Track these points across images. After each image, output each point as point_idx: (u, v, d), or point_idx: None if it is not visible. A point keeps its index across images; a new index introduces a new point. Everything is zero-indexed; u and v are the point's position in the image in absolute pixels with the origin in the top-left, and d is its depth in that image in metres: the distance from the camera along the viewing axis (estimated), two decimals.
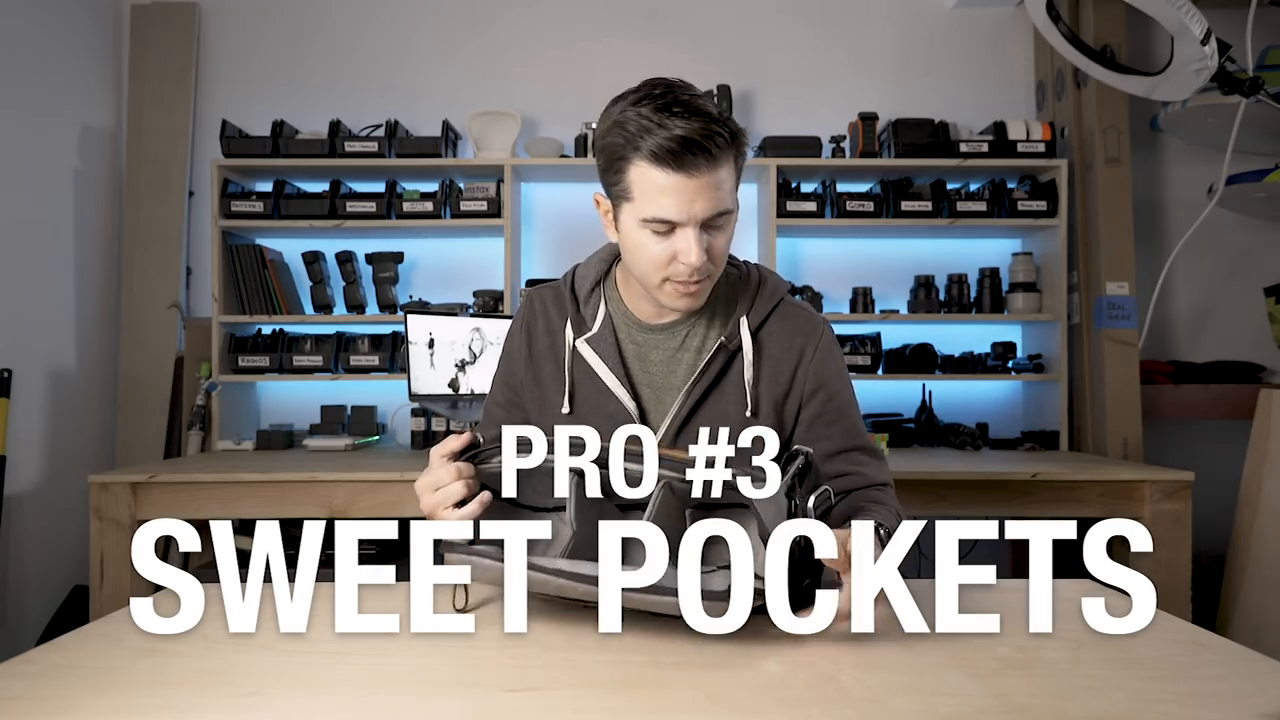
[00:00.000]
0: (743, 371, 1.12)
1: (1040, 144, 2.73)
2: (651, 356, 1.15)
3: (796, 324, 1.15)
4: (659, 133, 0.96)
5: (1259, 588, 2.11)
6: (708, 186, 0.99)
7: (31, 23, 2.60)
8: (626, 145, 1.00)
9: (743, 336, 1.12)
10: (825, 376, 1.14)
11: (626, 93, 1.03)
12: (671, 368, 1.14)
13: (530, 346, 1.19)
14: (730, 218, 1.04)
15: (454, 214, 2.77)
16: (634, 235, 1.04)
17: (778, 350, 1.14)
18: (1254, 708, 0.65)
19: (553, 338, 1.18)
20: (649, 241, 1.03)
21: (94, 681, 0.71)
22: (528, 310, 1.21)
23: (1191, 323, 2.97)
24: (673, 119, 0.96)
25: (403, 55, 3.03)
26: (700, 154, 0.97)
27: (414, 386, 2.46)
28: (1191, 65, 2.02)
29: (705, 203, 0.99)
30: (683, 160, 0.97)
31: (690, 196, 0.98)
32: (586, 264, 1.22)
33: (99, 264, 2.89)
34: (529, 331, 1.20)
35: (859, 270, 2.95)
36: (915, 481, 2.14)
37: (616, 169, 1.02)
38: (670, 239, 1.02)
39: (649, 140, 0.97)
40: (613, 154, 1.02)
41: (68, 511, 2.68)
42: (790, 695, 0.68)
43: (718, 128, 0.98)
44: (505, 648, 0.79)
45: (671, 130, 0.96)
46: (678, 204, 0.99)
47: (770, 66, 3.03)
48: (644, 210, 1.01)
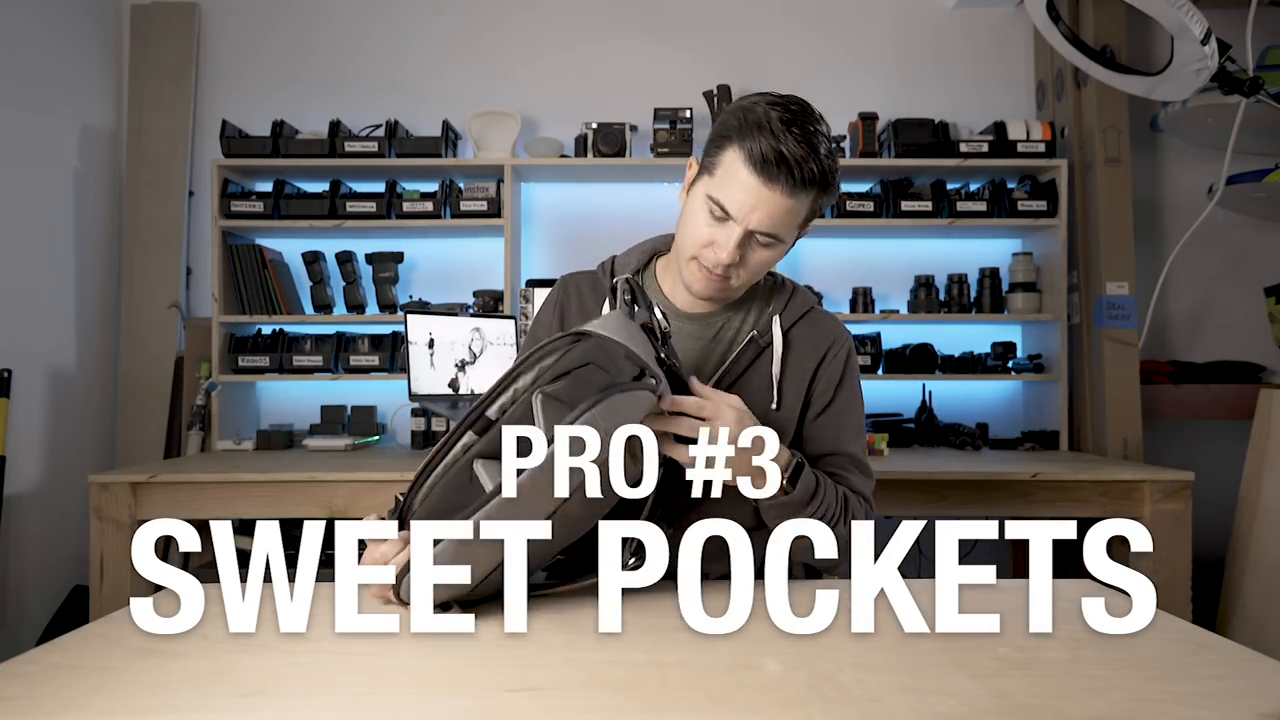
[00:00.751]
0: (770, 366, 1.15)
1: (1040, 144, 2.73)
2: (684, 344, 1.17)
3: (824, 330, 1.20)
4: (767, 138, 1.01)
5: (1259, 588, 2.11)
6: (775, 204, 1.03)
7: (31, 22, 2.60)
8: (736, 131, 1.04)
9: (774, 333, 1.16)
10: (832, 381, 1.17)
11: (774, 93, 1.07)
12: (704, 356, 1.17)
13: (563, 324, 1.21)
14: (779, 244, 1.08)
15: (454, 214, 2.77)
16: (696, 204, 1.08)
17: (805, 349, 1.17)
18: (1254, 708, 0.65)
19: (586, 318, 1.18)
20: (703, 217, 1.07)
21: (94, 681, 0.71)
22: (561, 293, 1.24)
23: (1191, 323, 2.97)
24: (787, 134, 1.00)
25: (403, 55, 3.03)
26: (785, 173, 1.01)
27: (414, 386, 2.46)
28: (1191, 65, 2.02)
29: (764, 216, 1.03)
30: (769, 170, 1.01)
31: (754, 203, 1.03)
32: (626, 254, 1.25)
33: (99, 264, 2.89)
34: (562, 311, 1.22)
35: (859, 270, 2.95)
36: (915, 481, 2.14)
37: (718, 145, 1.07)
38: (719, 227, 1.06)
39: (755, 139, 1.01)
40: (723, 131, 1.06)
41: (68, 511, 2.68)
42: (790, 695, 0.68)
43: (813, 163, 1.01)
44: (505, 648, 0.79)
45: (777, 142, 1.00)
46: (741, 202, 1.03)
47: (770, 66, 3.03)
48: (715, 189, 1.05)
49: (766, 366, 1.15)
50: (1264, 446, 2.16)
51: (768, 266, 1.10)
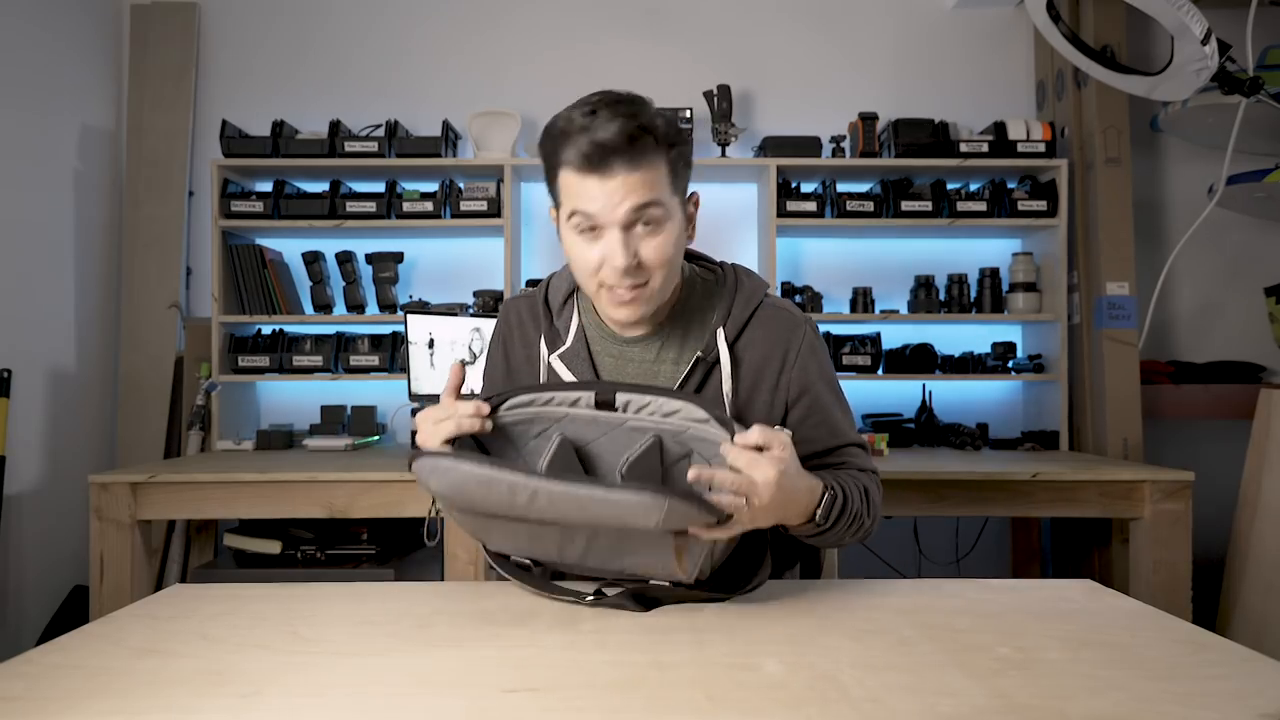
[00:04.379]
0: (721, 384, 1.10)
1: (1040, 144, 2.73)
2: (629, 369, 1.13)
3: (777, 328, 1.13)
4: (579, 137, 0.98)
5: (1259, 588, 2.11)
6: (628, 187, 0.98)
7: (31, 23, 2.60)
8: (554, 153, 1.02)
9: (720, 349, 1.10)
10: (809, 380, 1.12)
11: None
12: (650, 380, 1.11)
13: (508, 360, 1.20)
14: (664, 218, 1.02)
15: (454, 214, 2.77)
16: (568, 240, 1.05)
17: (759, 358, 1.11)
18: (1254, 708, 0.65)
19: (529, 350, 1.18)
20: (581, 246, 1.03)
21: (94, 681, 0.71)
22: (504, 323, 1.21)
23: (1191, 323, 2.97)
24: (594, 121, 0.98)
25: (403, 55, 3.03)
26: (616, 157, 0.97)
27: (414, 386, 2.46)
28: (1192, 65, 2.02)
29: (627, 202, 0.98)
30: (599, 164, 0.97)
31: (609, 196, 0.98)
32: (560, 273, 1.20)
33: (99, 264, 2.89)
34: (505, 345, 1.20)
35: (859, 270, 2.96)
36: (915, 481, 2.14)
37: (551, 175, 1.05)
38: (599, 242, 1.01)
39: (570, 146, 0.99)
40: (547, 161, 1.05)
41: (68, 511, 2.68)
42: (790, 695, 0.68)
43: (633, 128, 0.97)
44: (505, 648, 0.79)
45: (592, 134, 0.97)
46: (597, 203, 0.99)
47: (770, 66, 3.03)
48: (571, 209, 1.02)
49: (717, 384, 1.09)
50: (1264, 446, 2.16)
51: (672, 251, 1.03)
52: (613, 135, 0.96)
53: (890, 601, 0.94)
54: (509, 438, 1.02)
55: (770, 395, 1.11)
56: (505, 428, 1.01)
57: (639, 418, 0.98)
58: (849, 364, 2.72)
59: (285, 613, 0.90)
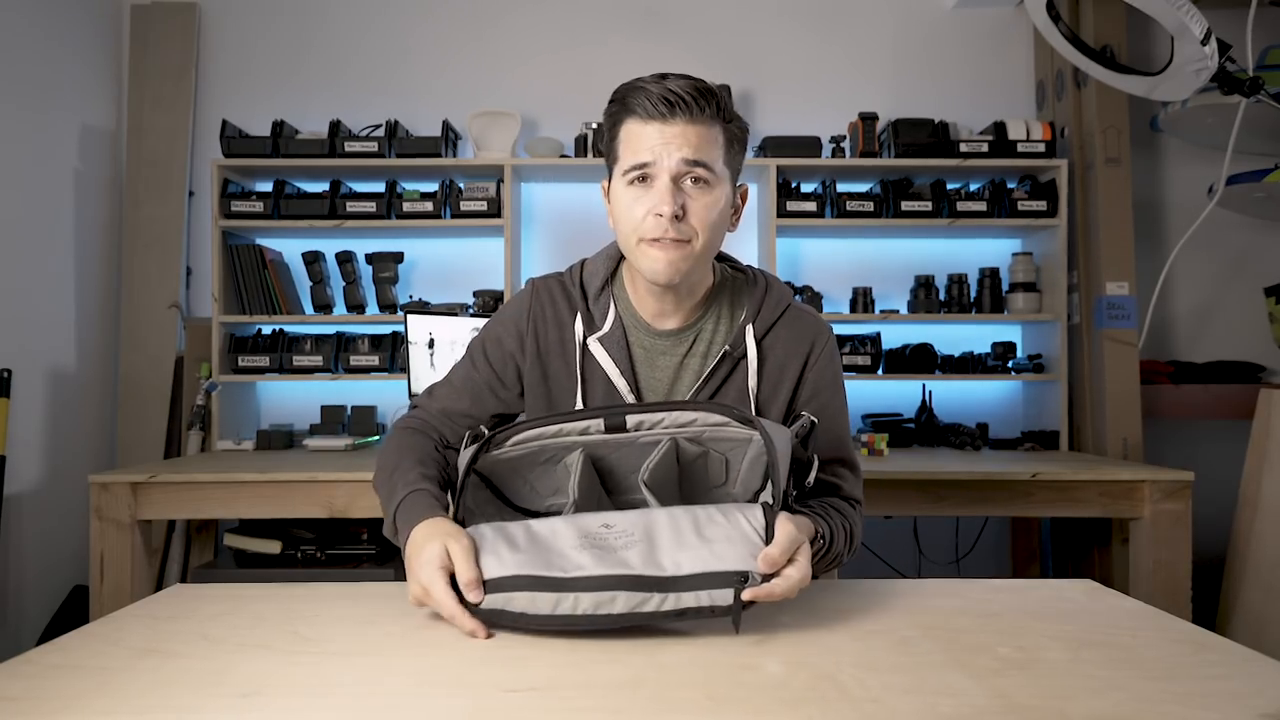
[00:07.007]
0: (747, 378, 1.12)
1: (1040, 144, 2.73)
2: (659, 361, 1.15)
3: (801, 330, 1.16)
4: (651, 88, 1.01)
5: (1259, 588, 2.11)
6: (685, 137, 1.01)
7: (31, 23, 2.60)
8: (619, 110, 1.05)
9: (748, 344, 1.13)
10: (821, 385, 1.15)
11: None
12: (679, 373, 1.14)
13: (538, 341, 1.16)
14: (714, 183, 1.04)
15: (454, 214, 2.77)
16: (619, 198, 1.06)
17: (783, 356, 1.14)
18: (1254, 708, 0.65)
19: (561, 332, 1.16)
20: (629, 200, 1.04)
21: (94, 681, 0.71)
22: (534, 300, 1.18)
23: (1191, 323, 2.97)
24: (663, 82, 1.01)
25: (403, 55, 3.03)
26: (681, 106, 1.00)
27: (414, 386, 2.46)
28: (1191, 65, 2.02)
29: (682, 151, 1.01)
30: (664, 109, 1.01)
31: (666, 142, 1.01)
32: (594, 260, 1.20)
33: (99, 264, 2.89)
34: (535, 323, 1.16)
35: (859, 270, 2.96)
36: (915, 481, 2.14)
37: (611, 135, 1.07)
38: (648, 193, 1.03)
39: (636, 100, 1.02)
40: (610, 120, 1.07)
41: (68, 511, 2.68)
42: (790, 695, 0.68)
43: (705, 93, 1.01)
44: (505, 648, 0.79)
45: (659, 86, 1.01)
46: (654, 149, 1.01)
47: (770, 66, 3.03)
48: (625, 161, 1.04)
49: (743, 378, 1.13)
50: (1264, 446, 2.16)
51: (716, 217, 1.04)
52: (682, 88, 1.01)
53: (890, 601, 0.94)
54: (514, 468, 1.00)
55: (790, 393, 1.14)
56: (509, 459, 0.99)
57: (653, 433, 0.97)
58: (849, 364, 2.72)
59: (285, 613, 0.90)
